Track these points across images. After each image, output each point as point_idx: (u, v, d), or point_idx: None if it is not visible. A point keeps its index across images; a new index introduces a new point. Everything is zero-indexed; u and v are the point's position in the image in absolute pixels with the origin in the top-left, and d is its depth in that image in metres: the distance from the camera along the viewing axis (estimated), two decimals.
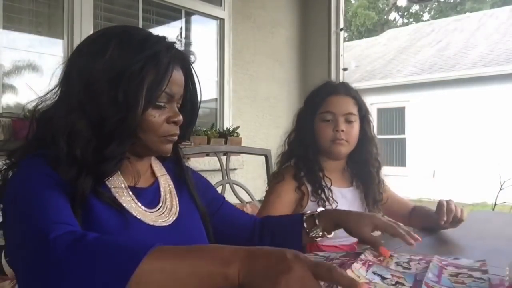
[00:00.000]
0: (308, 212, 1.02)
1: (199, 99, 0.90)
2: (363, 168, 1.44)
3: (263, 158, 1.93)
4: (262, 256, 0.55)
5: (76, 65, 0.78)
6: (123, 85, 0.73)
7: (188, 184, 0.93)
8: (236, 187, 1.85)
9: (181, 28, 2.92)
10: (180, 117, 0.82)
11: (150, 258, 0.53)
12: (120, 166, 0.78)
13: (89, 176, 0.72)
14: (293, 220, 1.03)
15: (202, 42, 3.10)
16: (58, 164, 0.71)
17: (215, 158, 1.78)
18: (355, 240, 1.47)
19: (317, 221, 0.98)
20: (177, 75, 0.81)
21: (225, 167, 1.78)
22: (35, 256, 0.56)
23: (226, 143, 2.73)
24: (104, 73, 0.74)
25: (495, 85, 8.66)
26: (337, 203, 1.35)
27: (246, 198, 1.85)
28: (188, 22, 3.00)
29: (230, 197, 1.72)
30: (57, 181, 0.70)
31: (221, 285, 0.54)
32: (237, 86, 3.08)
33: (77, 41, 2.25)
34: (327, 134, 1.36)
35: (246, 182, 2.04)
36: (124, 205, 0.78)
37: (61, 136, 0.72)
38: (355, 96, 1.40)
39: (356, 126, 1.38)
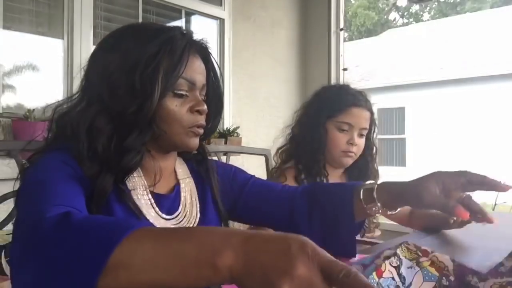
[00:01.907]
0: (367, 182, 0.88)
1: (222, 89, 0.88)
2: (362, 177, 1.43)
3: (263, 158, 1.93)
4: (261, 245, 0.44)
5: (94, 63, 0.78)
6: (139, 72, 0.72)
7: (212, 186, 0.90)
8: None
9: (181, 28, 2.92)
10: (204, 106, 0.79)
11: (129, 239, 0.46)
12: (141, 159, 0.75)
13: (109, 174, 0.71)
14: (344, 188, 0.88)
15: None
16: (81, 159, 0.70)
17: (215, 158, 1.77)
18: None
19: (374, 195, 0.83)
20: (196, 62, 0.79)
21: None
22: (28, 235, 0.54)
23: (226, 143, 2.73)
24: (121, 65, 0.73)
25: (495, 85, 8.66)
26: None
27: None
28: (188, 22, 3.00)
29: None
30: (76, 172, 0.68)
31: (209, 278, 0.44)
32: (237, 86, 3.08)
33: (77, 41, 2.25)
34: (340, 144, 1.34)
35: None
36: (143, 210, 0.76)
37: (81, 131, 0.71)
38: (371, 110, 1.39)
39: (364, 139, 1.39)
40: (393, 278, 0.69)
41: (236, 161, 2.77)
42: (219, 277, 0.44)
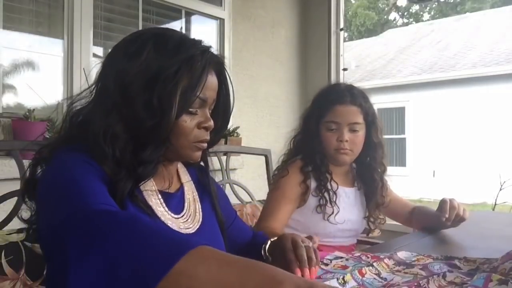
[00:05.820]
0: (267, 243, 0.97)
1: (232, 104, 0.89)
2: (366, 172, 1.44)
3: (263, 158, 1.93)
4: None
5: (112, 66, 0.77)
6: (157, 89, 0.72)
7: (211, 192, 0.93)
8: (236, 187, 1.85)
9: (181, 28, 2.91)
10: (211, 123, 0.81)
11: (194, 253, 0.50)
12: (156, 169, 0.77)
13: (130, 179, 0.72)
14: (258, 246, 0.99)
15: None
16: (104, 161, 0.71)
17: (215, 158, 1.77)
18: (354, 241, 1.48)
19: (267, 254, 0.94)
20: (211, 80, 0.80)
21: (225, 167, 1.78)
22: (93, 225, 0.54)
23: (226, 143, 2.73)
24: (139, 76, 0.73)
25: (495, 85, 8.66)
26: (338, 208, 1.36)
27: (246, 198, 1.85)
28: (188, 22, 3.00)
29: (230, 197, 1.72)
30: (100, 171, 0.70)
31: None
32: (237, 86, 3.07)
33: (77, 41, 2.25)
34: (331, 143, 1.37)
35: (246, 182, 2.03)
36: (153, 209, 0.78)
37: (101, 139, 0.72)
38: (361, 103, 1.39)
39: (361, 134, 1.38)
40: (375, 278, 0.80)
41: (236, 161, 2.77)
42: None
